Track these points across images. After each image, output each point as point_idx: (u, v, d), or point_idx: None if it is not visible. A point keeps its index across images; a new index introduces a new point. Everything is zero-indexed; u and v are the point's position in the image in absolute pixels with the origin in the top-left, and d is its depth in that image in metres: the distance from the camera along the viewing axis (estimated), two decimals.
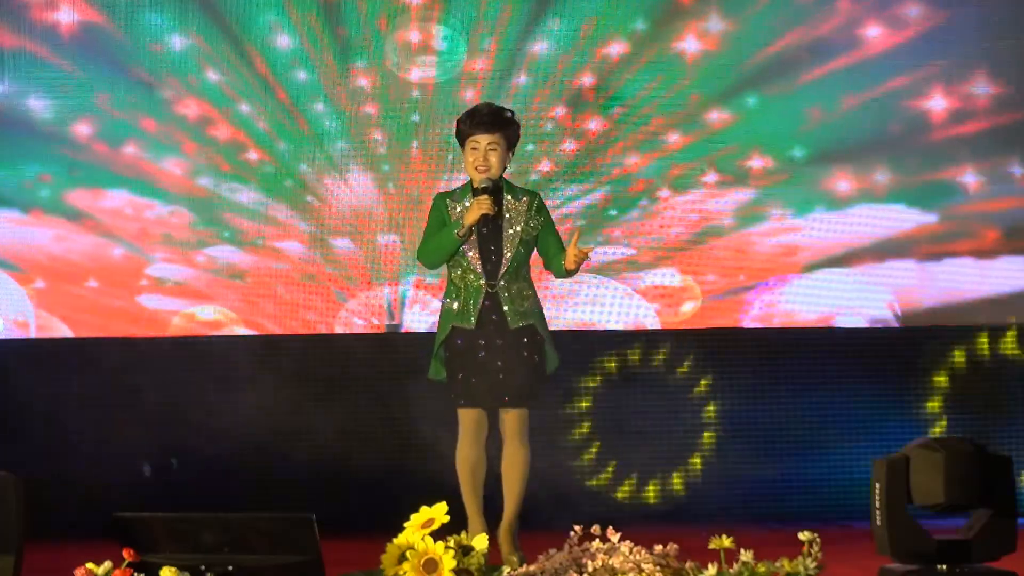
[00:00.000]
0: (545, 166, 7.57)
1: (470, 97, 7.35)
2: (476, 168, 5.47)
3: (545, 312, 5.57)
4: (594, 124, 7.61)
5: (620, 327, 7.52)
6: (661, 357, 7.57)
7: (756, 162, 7.63)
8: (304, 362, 7.48)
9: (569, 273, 5.51)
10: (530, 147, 7.47)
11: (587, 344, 7.51)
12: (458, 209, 5.50)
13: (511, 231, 5.49)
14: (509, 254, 5.48)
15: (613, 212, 7.60)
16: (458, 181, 5.74)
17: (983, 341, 7.65)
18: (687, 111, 7.63)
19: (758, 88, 7.63)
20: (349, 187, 7.52)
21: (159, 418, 7.39)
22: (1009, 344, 7.67)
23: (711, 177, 7.62)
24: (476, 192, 5.46)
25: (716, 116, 7.63)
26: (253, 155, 7.49)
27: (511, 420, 5.47)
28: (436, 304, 7.24)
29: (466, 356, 5.45)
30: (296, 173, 7.50)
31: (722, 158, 7.62)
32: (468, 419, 5.48)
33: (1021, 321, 7.65)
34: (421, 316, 7.43)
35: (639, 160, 7.62)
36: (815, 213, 7.65)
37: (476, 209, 5.41)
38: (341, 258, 7.51)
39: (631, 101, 7.60)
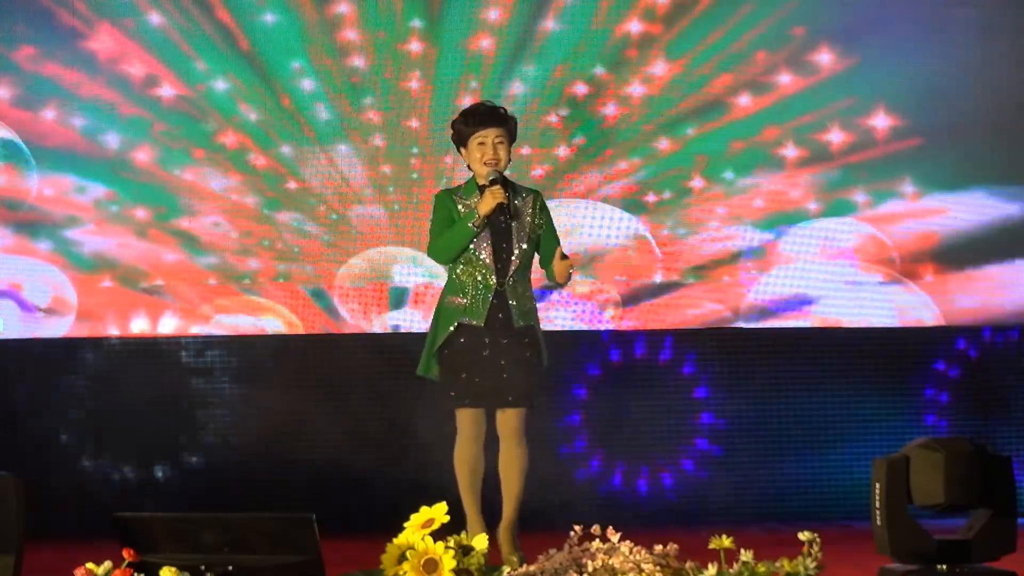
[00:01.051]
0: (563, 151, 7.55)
1: (468, 101, 7.32)
2: (486, 162, 5.47)
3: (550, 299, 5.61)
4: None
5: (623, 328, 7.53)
6: (660, 357, 7.57)
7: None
8: (304, 362, 7.48)
9: (560, 285, 5.55)
10: (525, 151, 7.48)
11: (586, 343, 7.50)
12: (470, 204, 5.49)
13: (519, 229, 5.50)
14: (518, 252, 5.48)
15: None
16: (456, 183, 5.75)
17: (984, 341, 7.63)
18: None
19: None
20: (350, 187, 7.51)
21: (159, 418, 7.39)
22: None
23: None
24: (483, 189, 5.46)
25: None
26: (259, 159, 7.48)
27: (510, 419, 5.47)
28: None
29: (469, 354, 5.44)
30: (298, 175, 7.50)
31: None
32: (468, 419, 5.47)
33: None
34: (422, 315, 7.42)
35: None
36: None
37: (491, 198, 5.40)
38: (341, 258, 7.50)
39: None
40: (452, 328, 5.46)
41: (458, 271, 5.51)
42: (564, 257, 5.43)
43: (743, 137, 7.49)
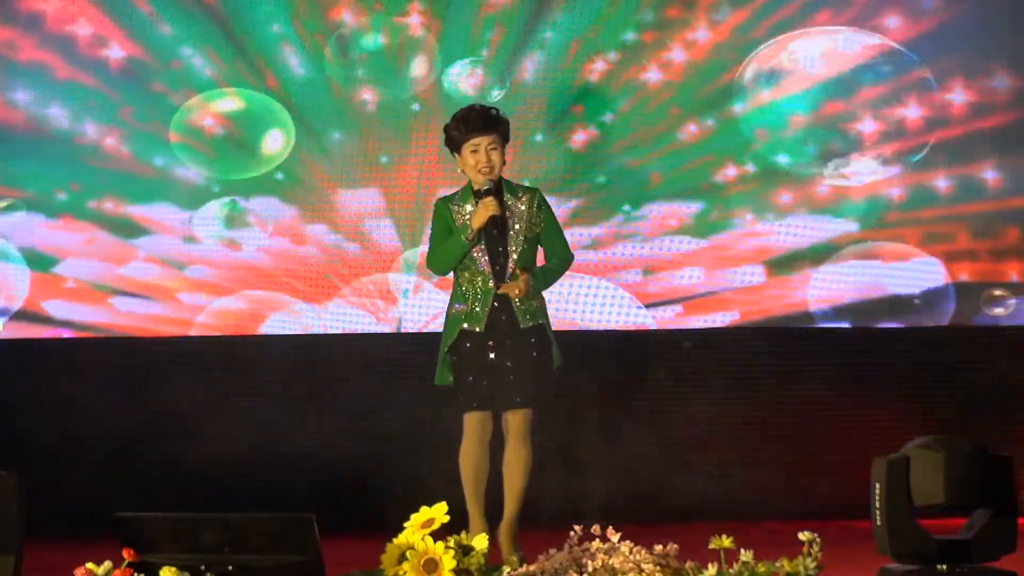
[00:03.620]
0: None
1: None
2: (480, 170, 5.48)
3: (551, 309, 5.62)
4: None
5: (621, 327, 7.52)
6: (660, 357, 7.56)
7: (730, 171, 7.50)
8: (304, 362, 7.48)
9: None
10: (539, 136, 7.47)
11: (587, 344, 7.49)
12: (466, 210, 5.51)
13: (515, 231, 5.51)
14: (515, 254, 5.49)
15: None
16: (456, 186, 5.75)
17: (983, 341, 7.62)
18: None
19: None
20: (351, 190, 7.52)
21: (158, 418, 7.39)
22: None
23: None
24: (478, 194, 5.47)
25: None
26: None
27: (516, 420, 5.48)
28: (435, 303, 7.24)
29: (475, 359, 5.47)
30: (296, 175, 7.50)
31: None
32: (475, 422, 5.49)
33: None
34: (421, 316, 7.42)
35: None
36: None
37: (483, 211, 5.43)
38: (341, 260, 7.50)
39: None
40: (456, 335, 5.49)
41: (460, 278, 5.55)
42: (524, 272, 5.46)
43: None
